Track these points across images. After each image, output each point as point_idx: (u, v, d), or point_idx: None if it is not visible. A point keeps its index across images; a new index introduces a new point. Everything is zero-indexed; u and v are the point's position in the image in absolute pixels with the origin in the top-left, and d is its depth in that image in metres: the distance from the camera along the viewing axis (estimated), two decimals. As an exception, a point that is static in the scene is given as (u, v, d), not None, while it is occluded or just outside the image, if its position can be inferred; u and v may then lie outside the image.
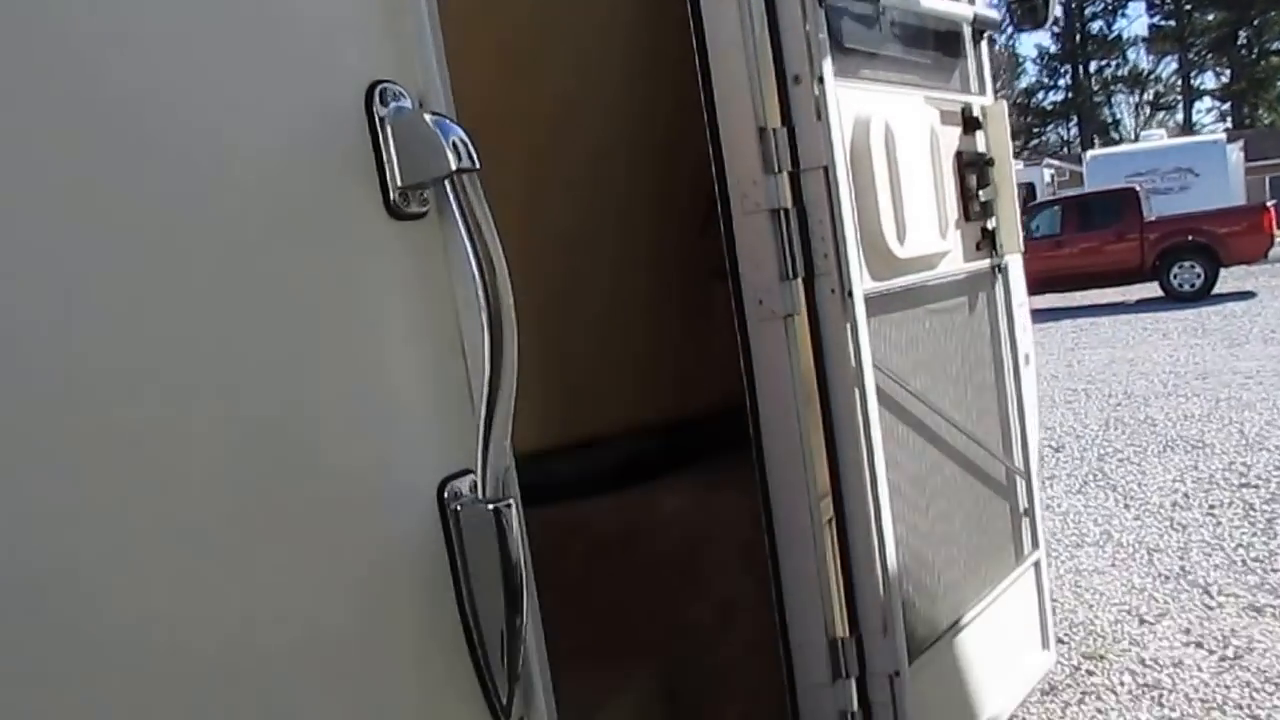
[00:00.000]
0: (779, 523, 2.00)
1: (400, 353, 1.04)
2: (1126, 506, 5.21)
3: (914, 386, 2.18)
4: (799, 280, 1.98)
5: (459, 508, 1.08)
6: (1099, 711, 3.35)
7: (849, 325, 1.97)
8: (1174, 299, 13.83)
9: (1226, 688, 3.34)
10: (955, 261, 2.36)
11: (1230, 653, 3.56)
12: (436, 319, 1.06)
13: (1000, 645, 2.47)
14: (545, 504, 2.40)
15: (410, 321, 1.04)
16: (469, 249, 1.00)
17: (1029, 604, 2.65)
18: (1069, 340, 11.31)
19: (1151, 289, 14.48)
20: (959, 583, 2.28)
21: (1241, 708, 3.21)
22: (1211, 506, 5.02)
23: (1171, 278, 14.05)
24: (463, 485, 1.10)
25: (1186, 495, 5.24)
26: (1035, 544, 2.65)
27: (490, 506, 1.08)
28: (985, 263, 2.51)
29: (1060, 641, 3.86)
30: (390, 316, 1.02)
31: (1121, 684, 3.49)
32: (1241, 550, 4.43)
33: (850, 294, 1.96)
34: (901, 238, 2.11)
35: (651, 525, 2.16)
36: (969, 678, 2.28)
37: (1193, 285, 13.90)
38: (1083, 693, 3.47)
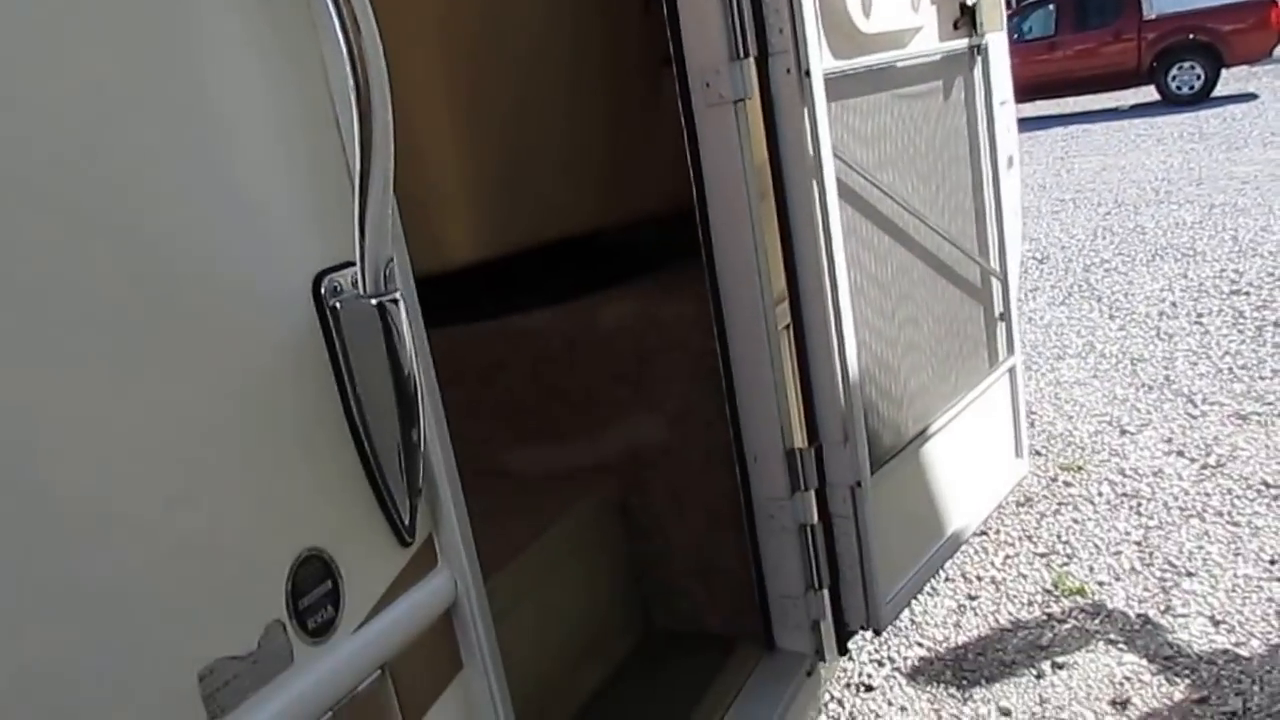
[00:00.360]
0: (732, 330, 1.90)
1: (264, 133, 0.91)
2: (1111, 317, 5.15)
3: (881, 181, 2.05)
4: (750, 60, 1.81)
5: (338, 304, 0.97)
6: (1075, 522, 3.33)
7: (807, 110, 1.81)
8: (1171, 103, 13.50)
9: (1207, 495, 3.30)
10: (929, 40, 2.19)
11: (1212, 461, 3.51)
12: (306, 92, 0.93)
13: (971, 454, 2.42)
14: (493, 316, 2.30)
15: (275, 96, 0.91)
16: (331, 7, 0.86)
17: (1002, 411, 2.59)
18: (1059, 148, 11.06)
19: (1148, 93, 14.11)
20: (926, 390, 2.21)
21: (1221, 514, 3.18)
22: (1200, 315, 4.96)
23: (1170, 80, 13.68)
24: (344, 279, 0.99)
25: (1174, 304, 5.17)
26: (1011, 349, 2.57)
27: (373, 302, 0.97)
28: (963, 43, 2.33)
29: (1037, 454, 3.83)
30: (250, 89, 0.89)
31: (1099, 494, 3.47)
32: (1229, 358, 4.37)
33: (808, 74, 1.80)
34: (867, 10, 1.93)
35: (600, 336, 2.06)
36: (935, 488, 2.24)
37: (1191, 88, 13.56)
38: (1059, 504, 3.45)
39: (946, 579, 3.00)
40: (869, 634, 2.52)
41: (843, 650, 2.07)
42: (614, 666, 2.09)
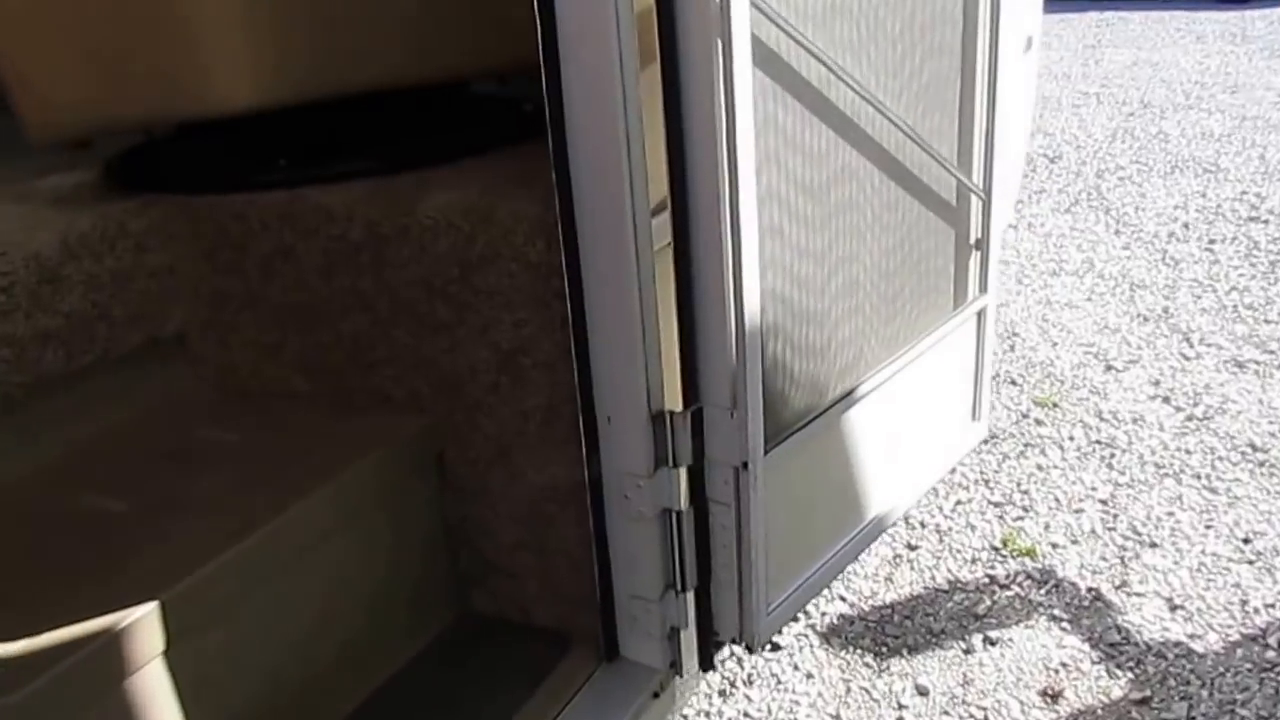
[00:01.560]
0: (586, 244, 1.34)
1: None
2: (1117, 233, 4.55)
3: (819, 46, 1.45)
4: None
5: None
6: (1039, 469, 2.85)
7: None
8: (1217, -1, 12.49)
9: (1187, 453, 2.84)
10: None
11: (1199, 412, 3.03)
12: None
13: (911, 419, 1.88)
14: (269, 187, 1.74)
15: None
16: None
17: (961, 364, 2.03)
18: (1090, 35, 10.17)
19: (1192, -16, 13.09)
20: (861, 336, 1.66)
21: (1199, 477, 2.71)
22: (1212, 241, 4.36)
23: (1217, -28, 12.59)
24: None
25: (1186, 226, 4.56)
26: (984, 287, 2.00)
27: None
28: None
29: (1013, 383, 3.33)
30: None
31: (1070, 439, 2.98)
32: (1235, 294, 3.82)
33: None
34: None
35: (415, 232, 1.50)
36: (854, 465, 1.71)
37: (1242, -18, 12.47)
38: (1025, 444, 2.97)
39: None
40: (741, 649, 2.07)
41: (706, 665, 1.57)
42: (413, 654, 1.60)
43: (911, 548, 2.55)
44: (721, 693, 2.10)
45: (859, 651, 2.19)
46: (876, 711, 2.04)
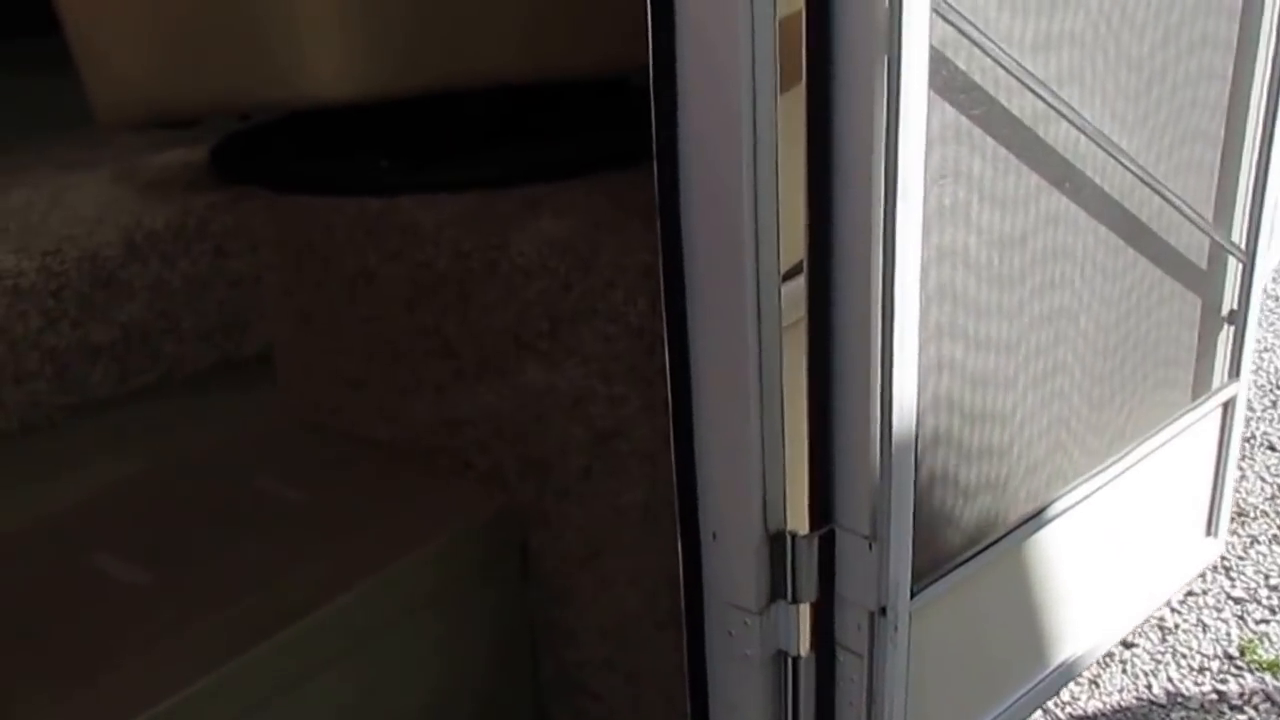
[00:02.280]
0: (694, 312, 1.01)
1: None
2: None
3: (1028, 65, 1.07)
4: None
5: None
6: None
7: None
8: None
9: None
10: None
11: None
12: None
13: (1121, 541, 1.45)
14: (361, 191, 1.46)
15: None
16: None
17: (1196, 467, 1.58)
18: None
19: None
20: (1057, 440, 1.26)
21: None
22: None
23: None
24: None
25: None
26: (1236, 371, 1.55)
27: None
28: None
29: (1271, 448, 2.74)
30: None
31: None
32: None
33: None
34: None
35: (501, 270, 1.20)
36: (1038, 603, 1.30)
37: None
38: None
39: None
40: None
41: (818, 844, 1.22)
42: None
43: (1126, 645, 2.10)
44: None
45: (1048, 774, 1.78)
46: None
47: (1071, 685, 1.95)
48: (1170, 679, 2.03)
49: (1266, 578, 2.27)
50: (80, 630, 1.16)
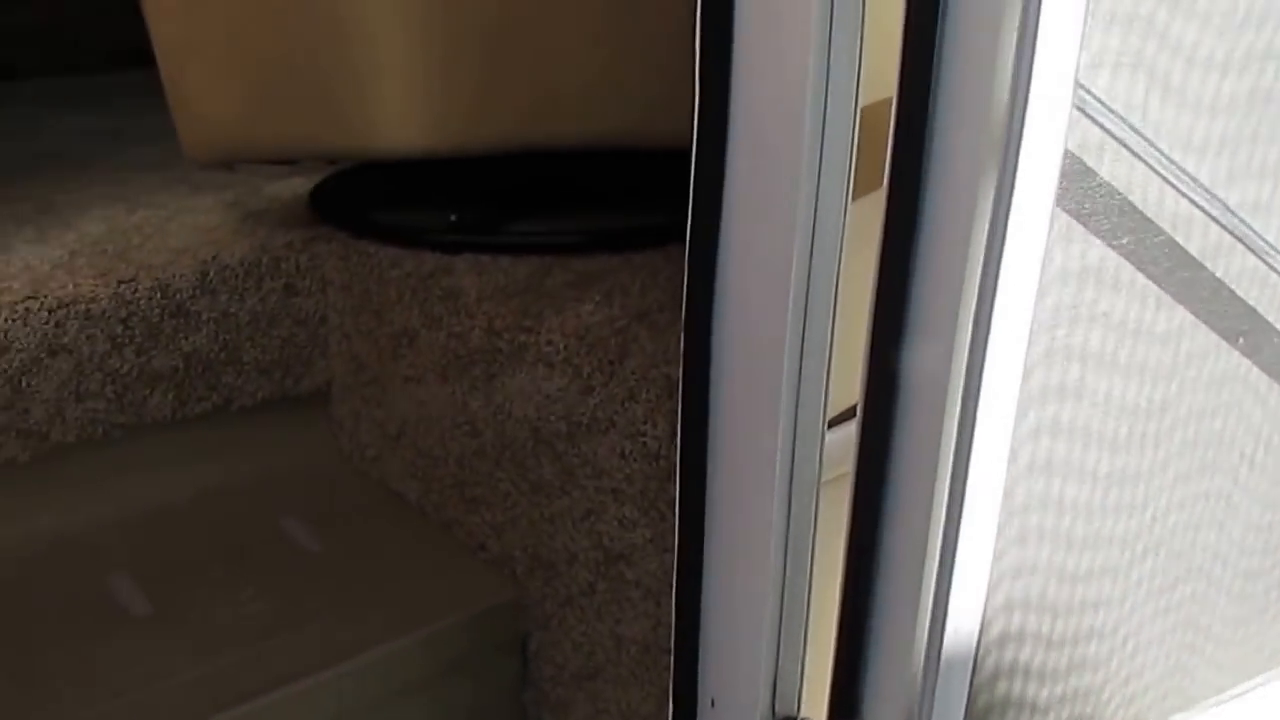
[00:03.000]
0: (715, 446, 0.82)
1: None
2: None
3: (1204, 178, 0.84)
4: None
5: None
6: None
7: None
8: None
9: None
10: None
11: None
12: None
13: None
14: (420, 245, 1.30)
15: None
16: None
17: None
18: None
19: None
20: (1176, 657, 0.99)
21: None
22: None
23: None
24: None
25: None
26: None
27: None
28: None
29: None
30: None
31: None
32: None
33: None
34: None
35: (528, 357, 1.04)
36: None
37: None
38: None
39: None
40: None
41: None
42: None
43: None
44: None
45: None
46: None
47: None
48: None
49: None
50: (67, 656, 1.12)
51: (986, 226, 0.71)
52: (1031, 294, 0.71)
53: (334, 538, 1.27)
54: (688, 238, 0.77)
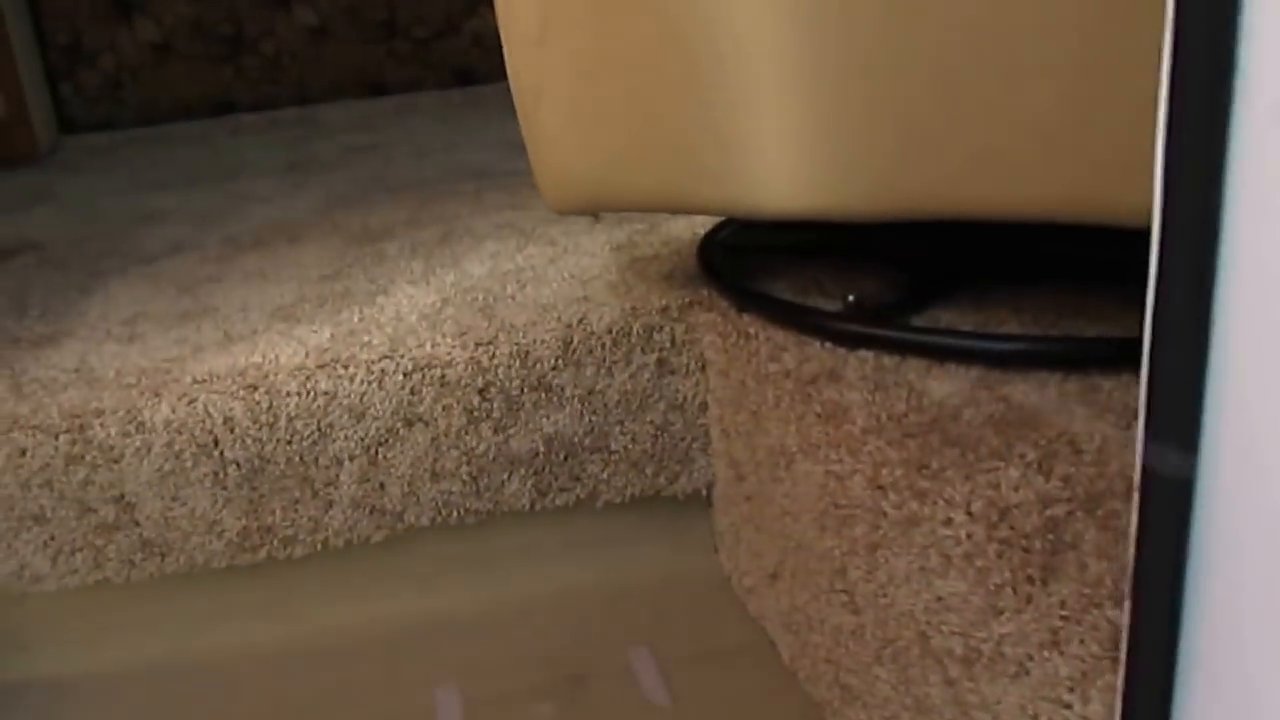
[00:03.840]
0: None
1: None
2: None
3: None
4: None
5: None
6: None
7: None
8: None
9: None
10: None
11: None
12: None
13: None
14: (808, 329, 0.94)
15: None
16: None
17: None
18: None
19: None
20: None
21: None
22: None
23: None
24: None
25: None
26: None
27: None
28: None
29: None
30: None
31: None
32: None
33: None
34: None
35: (916, 536, 0.69)
36: None
37: None
38: None
39: None
40: None
41: None
42: None
43: None
44: None
45: None
46: None
47: None
48: None
49: None
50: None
51: None
52: None
53: (686, 689, 1.01)
54: (1143, 369, 0.41)
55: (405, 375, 1.11)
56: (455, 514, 1.20)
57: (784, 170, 0.87)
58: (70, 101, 2.38)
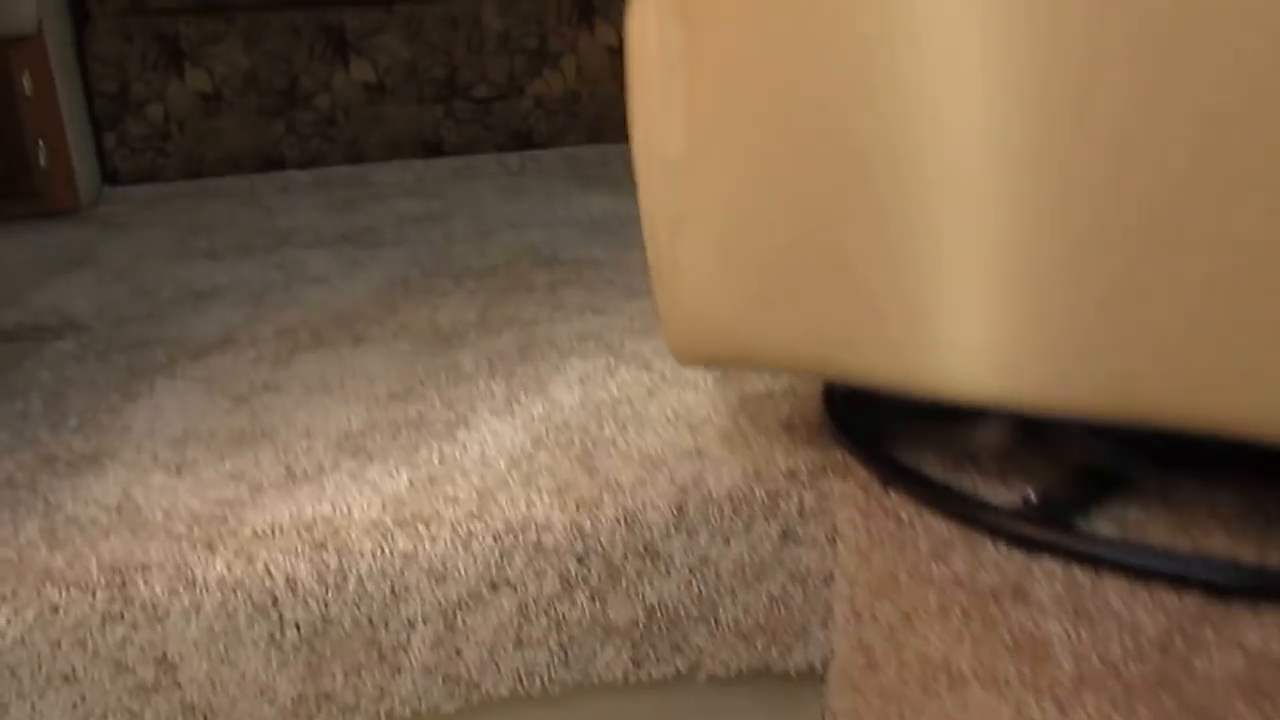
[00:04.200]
0: None
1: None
2: None
3: None
4: None
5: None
6: None
7: None
8: None
9: None
10: None
11: None
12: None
13: None
14: (977, 525, 0.78)
15: None
16: None
17: None
18: None
19: None
20: None
21: None
22: None
23: None
24: None
25: None
26: None
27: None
28: None
29: None
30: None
31: None
32: None
33: None
34: None
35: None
36: None
37: None
38: None
39: None
40: None
41: None
42: None
43: None
44: None
45: None
46: None
47: None
48: None
49: None
50: None
51: None
52: None
53: None
54: None
55: (495, 539, 0.97)
56: (539, 683, 1.05)
57: (985, 350, 0.72)
58: (114, 152, 2.26)
